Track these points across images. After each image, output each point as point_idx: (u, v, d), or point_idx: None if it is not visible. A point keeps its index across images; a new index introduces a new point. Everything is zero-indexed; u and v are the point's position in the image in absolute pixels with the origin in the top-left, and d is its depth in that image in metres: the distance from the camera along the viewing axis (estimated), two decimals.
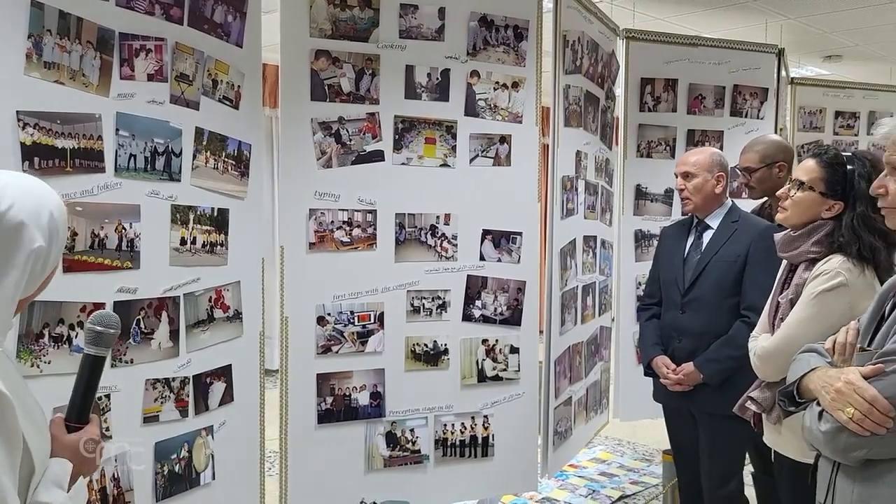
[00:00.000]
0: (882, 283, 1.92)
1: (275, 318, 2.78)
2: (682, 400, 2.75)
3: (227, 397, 2.47)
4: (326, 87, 2.76)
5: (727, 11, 5.25)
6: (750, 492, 2.83)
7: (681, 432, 2.87)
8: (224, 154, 2.43)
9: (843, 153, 2.08)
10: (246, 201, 2.53)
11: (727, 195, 2.83)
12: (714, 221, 2.78)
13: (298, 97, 2.73)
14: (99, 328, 1.26)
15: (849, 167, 2.00)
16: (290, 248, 2.75)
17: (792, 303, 2.04)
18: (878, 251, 1.93)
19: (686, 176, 2.78)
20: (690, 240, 2.82)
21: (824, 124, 5.68)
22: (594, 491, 3.83)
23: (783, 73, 4.71)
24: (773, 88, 4.54)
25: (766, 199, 3.13)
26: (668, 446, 3.24)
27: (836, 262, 1.96)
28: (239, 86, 2.49)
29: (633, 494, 3.83)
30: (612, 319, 4.18)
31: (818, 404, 1.41)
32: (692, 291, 2.71)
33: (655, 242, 4.28)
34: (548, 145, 3.26)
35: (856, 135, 5.73)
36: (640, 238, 4.21)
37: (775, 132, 4.61)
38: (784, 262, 2.20)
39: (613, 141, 4.15)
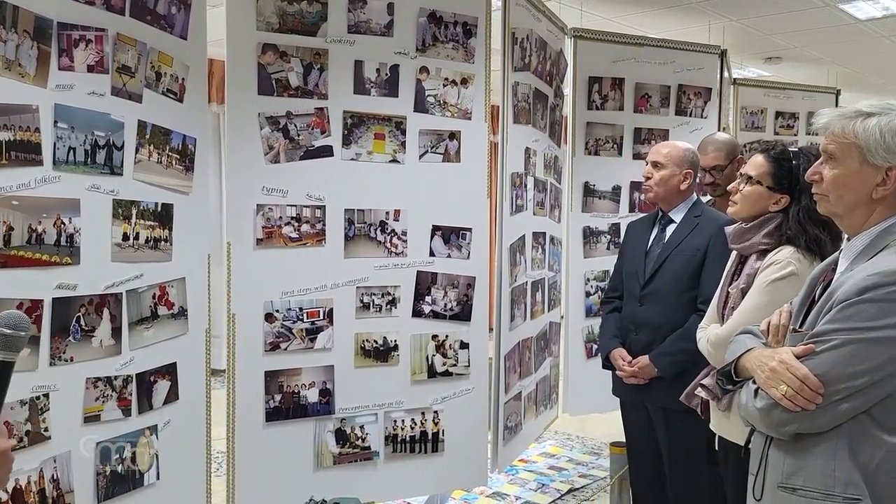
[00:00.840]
0: None
1: (221, 316, 2.74)
2: (637, 394, 2.77)
3: (172, 396, 2.42)
4: (274, 82, 2.73)
5: (672, 12, 5.35)
6: None
7: (636, 426, 2.89)
8: (168, 148, 2.38)
9: (790, 149, 2.15)
10: (191, 196, 2.49)
11: (693, 192, 2.84)
12: (678, 215, 2.80)
13: (245, 91, 2.69)
14: (7, 331, 1.12)
15: (794, 162, 2.08)
16: (237, 244, 2.71)
17: (743, 292, 2.10)
18: (824, 244, 2.01)
19: (655, 165, 2.79)
20: (654, 233, 2.85)
21: (765, 124, 5.83)
22: (544, 485, 3.87)
23: (726, 73, 4.82)
24: (716, 88, 4.64)
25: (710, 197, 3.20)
26: (618, 438, 3.29)
27: (786, 252, 2.04)
28: (183, 79, 2.44)
29: (582, 487, 3.88)
30: (562, 316, 4.23)
31: (754, 382, 1.48)
32: (651, 284, 2.74)
33: (604, 239, 4.38)
34: (497, 144, 3.27)
35: (795, 134, 5.89)
36: (589, 235, 4.26)
37: (718, 131, 4.73)
38: (733, 253, 2.26)
39: (562, 139, 4.20)
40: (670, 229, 2.79)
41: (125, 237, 2.22)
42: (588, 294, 4.26)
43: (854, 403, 1.34)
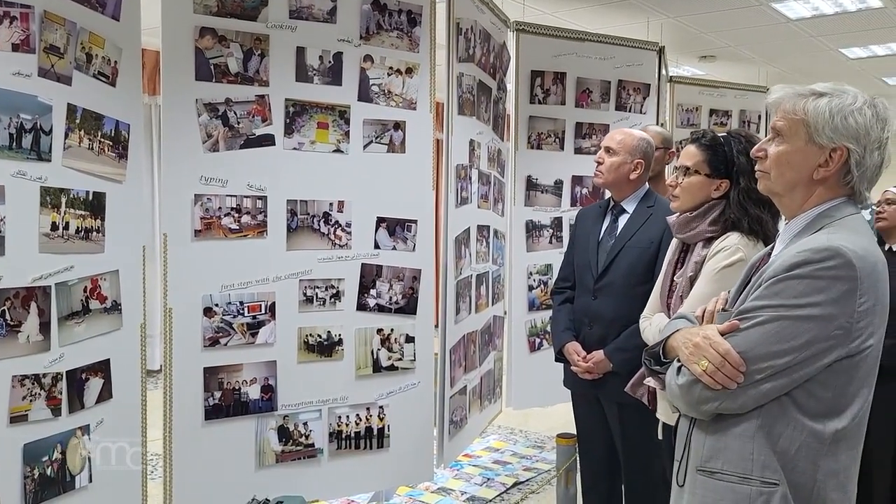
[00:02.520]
0: None
1: (157, 311, 2.63)
2: (590, 388, 2.72)
3: (105, 394, 2.31)
4: (212, 67, 2.63)
5: (612, 8, 5.41)
6: None
7: (587, 419, 2.84)
8: (100, 134, 2.27)
9: (720, 134, 2.17)
10: (125, 185, 2.38)
11: (644, 182, 2.79)
12: (630, 206, 2.74)
13: (182, 76, 2.59)
14: None
15: (727, 146, 2.09)
16: (173, 236, 2.60)
17: (691, 280, 2.09)
18: (766, 223, 2.02)
19: (608, 150, 2.74)
20: (606, 223, 2.78)
21: (700, 121, 5.94)
22: (489, 479, 3.85)
23: (664, 70, 4.89)
24: (654, 85, 4.71)
25: None
26: (561, 431, 3.29)
27: (733, 238, 2.05)
28: (116, 61, 2.33)
29: (527, 481, 3.87)
30: (505, 312, 4.22)
31: (679, 360, 1.45)
32: (605, 277, 2.67)
33: (546, 233, 4.39)
34: (440, 140, 3.23)
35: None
36: (532, 228, 4.26)
37: (659, 126, 4.79)
38: (673, 241, 2.26)
39: (505, 132, 4.19)
40: (623, 220, 2.73)
41: (54, 227, 2.11)
42: (531, 288, 4.26)
43: (776, 384, 1.32)
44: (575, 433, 2.97)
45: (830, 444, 1.32)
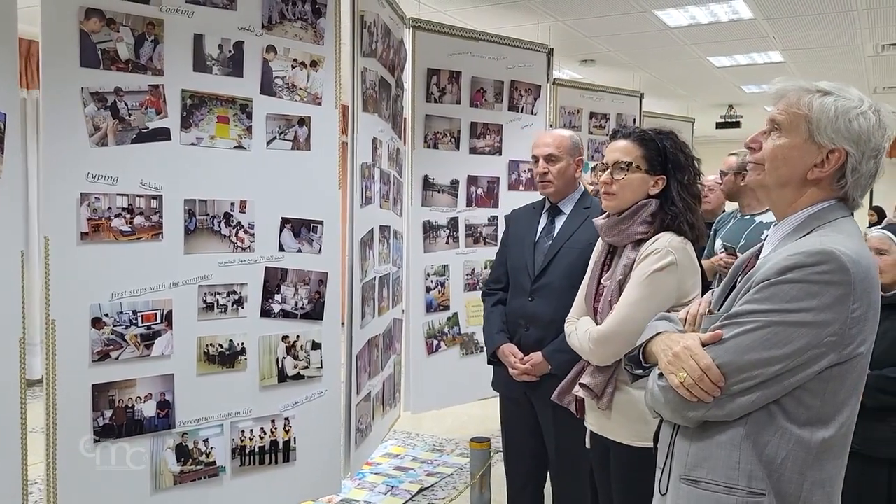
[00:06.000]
0: (697, 254, 2.03)
1: (38, 322, 2.35)
2: (524, 390, 2.67)
3: None
4: (100, 53, 2.38)
5: (504, 9, 5.43)
6: None
7: (517, 424, 2.79)
8: None
9: (647, 130, 2.15)
10: (1, 182, 2.10)
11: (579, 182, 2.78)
12: (567, 207, 2.71)
13: (65, 62, 2.32)
14: None
15: (662, 141, 2.08)
16: (56, 239, 2.33)
17: (621, 284, 2.05)
18: (699, 221, 2.03)
19: (550, 159, 2.68)
20: (542, 224, 2.74)
21: (581, 123, 6.09)
22: (393, 487, 3.75)
23: (551, 73, 4.96)
24: (545, 86, 4.77)
25: None
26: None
27: (664, 240, 2.01)
28: None
29: (432, 486, 3.80)
30: (403, 311, 4.13)
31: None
32: (542, 278, 2.62)
33: (443, 233, 4.34)
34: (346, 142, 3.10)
35: (607, 134, 6.20)
36: (429, 229, 4.20)
37: (546, 128, 4.86)
38: (598, 243, 2.23)
39: (402, 131, 4.10)
40: (559, 221, 2.70)
41: None
42: (428, 289, 4.20)
43: (766, 391, 1.28)
44: (488, 437, 2.93)
45: (817, 454, 1.30)
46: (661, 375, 1.39)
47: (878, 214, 9.79)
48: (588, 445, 2.21)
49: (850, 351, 1.27)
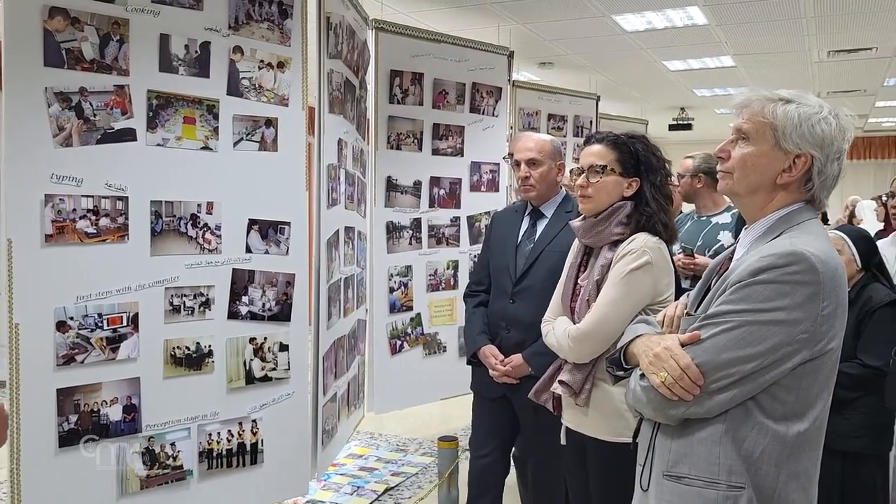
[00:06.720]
0: (670, 252, 2.10)
1: (2, 325, 2.31)
2: (503, 391, 2.69)
3: None
4: (64, 52, 2.35)
5: (466, 11, 5.48)
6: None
7: (490, 425, 2.80)
8: None
9: (619, 134, 2.21)
10: None
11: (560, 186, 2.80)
12: (549, 210, 2.73)
13: (28, 61, 2.28)
14: None
15: (634, 145, 2.13)
16: (19, 242, 2.29)
17: (598, 284, 2.09)
18: (671, 222, 2.09)
19: (532, 163, 2.69)
20: (524, 228, 2.76)
21: (539, 125, 6.17)
22: (359, 487, 3.76)
23: (511, 75, 5.02)
24: (506, 88, 4.82)
25: None
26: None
27: (640, 241, 2.06)
28: None
29: (398, 486, 3.82)
30: (367, 311, 4.14)
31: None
32: (524, 281, 2.65)
33: (406, 234, 4.36)
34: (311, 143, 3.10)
35: (564, 136, 6.29)
36: (392, 230, 4.22)
37: (509, 130, 4.93)
38: (575, 244, 2.27)
39: (366, 132, 4.11)
40: (541, 224, 2.72)
41: None
42: (392, 290, 4.22)
43: (743, 388, 1.33)
44: (455, 436, 2.96)
45: (793, 447, 1.35)
46: (642, 376, 1.44)
47: (823, 218, 10.09)
48: (563, 442, 2.26)
49: (821, 347, 1.33)
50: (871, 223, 6.59)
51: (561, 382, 2.12)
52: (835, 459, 2.45)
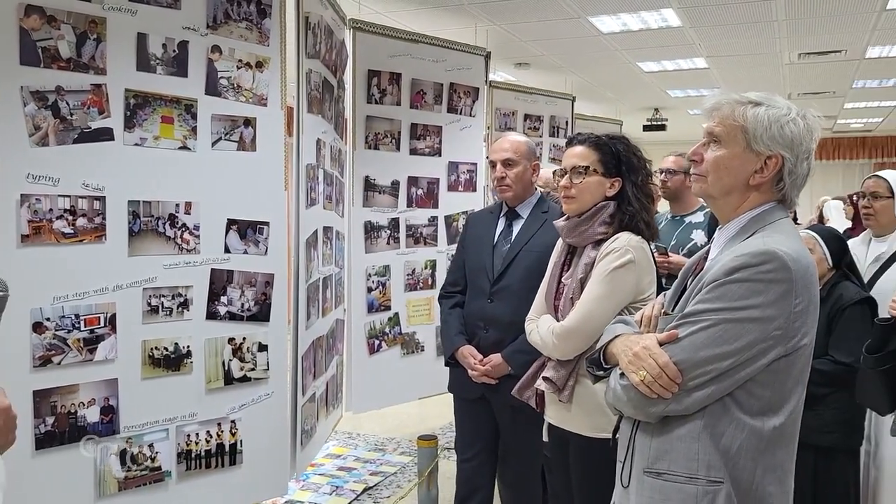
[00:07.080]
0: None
1: None
2: (482, 392, 2.69)
3: None
4: (40, 51, 2.32)
5: (443, 12, 5.49)
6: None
7: (472, 424, 2.81)
8: None
9: (601, 135, 2.24)
10: None
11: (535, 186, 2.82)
12: (525, 211, 2.75)
13: (4, 60, 2.25)
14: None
15: (615, 146, 2.17)
16: None
17: (582, 283, 2.12)
18: (653, 220, 2.12)
19: (507, 164, 2.71)
20: (500, 228, 2.77)
21: (516, 125, 6.21)
22: (338, 487, 3.76)
23: (488, 75, 5.04)
24: (483, 88, 4.84)
25: None
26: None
27: (623, 239, 2.10)
28: None
29: (377, 485, 3.82)
30: (345, 311, 4.14)
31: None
32: (501, 280, 2.66)
33: (384, 234, 4.36)
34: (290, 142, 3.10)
35: (540, 136, 6.34)
36: (370, 230, 4.23)
37: (486, 130, 4.95)
38: (558, 243, 2.30)
39: (344, 131, 4.11)
40: (517, 225, 2.74)
41: None
42: (370, 290, 4.22)
43: (720, 385, 1.36)
44: (434, 435, 2.97)
45: (769, 441, 1.38)
46: (622, 375, 1.46)
47: (793, 218, 10.26)
48: (546, 439, 2.28)
49: (794, 343, 1.37)
50: (838, 222, 6.72)
51: (545, 379, 2.15)
52: (807, 454, 2.50)
